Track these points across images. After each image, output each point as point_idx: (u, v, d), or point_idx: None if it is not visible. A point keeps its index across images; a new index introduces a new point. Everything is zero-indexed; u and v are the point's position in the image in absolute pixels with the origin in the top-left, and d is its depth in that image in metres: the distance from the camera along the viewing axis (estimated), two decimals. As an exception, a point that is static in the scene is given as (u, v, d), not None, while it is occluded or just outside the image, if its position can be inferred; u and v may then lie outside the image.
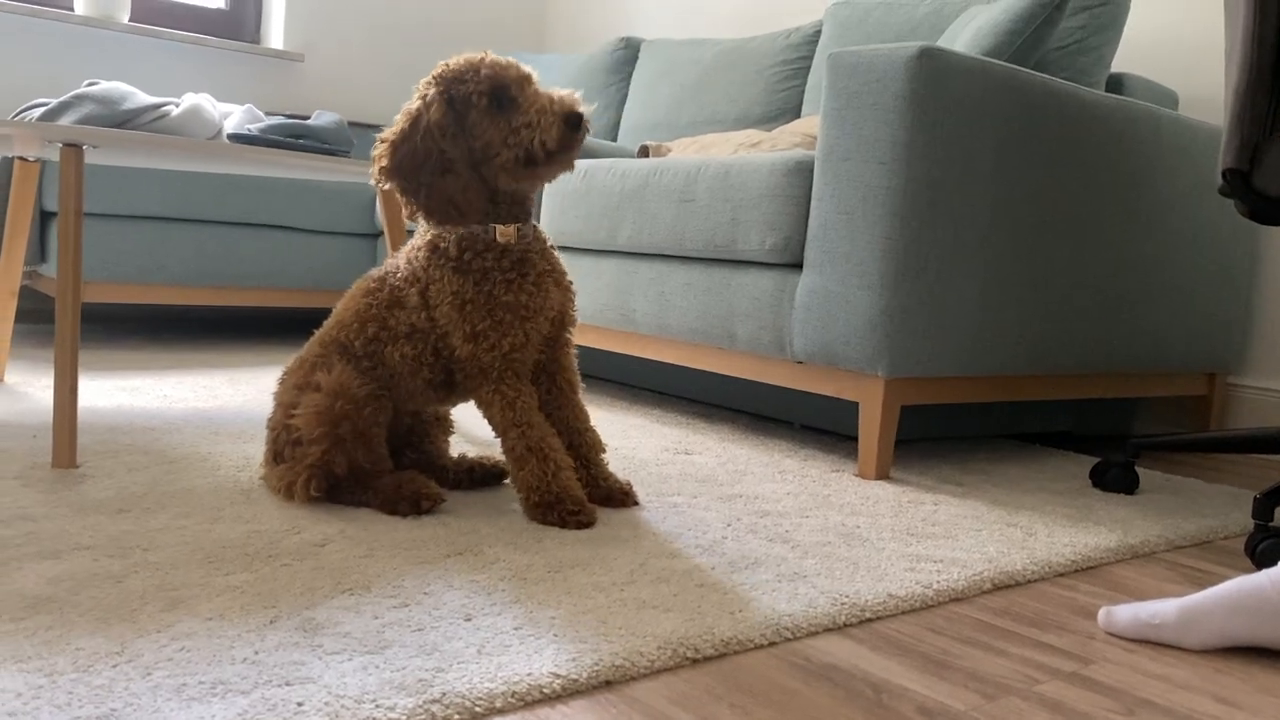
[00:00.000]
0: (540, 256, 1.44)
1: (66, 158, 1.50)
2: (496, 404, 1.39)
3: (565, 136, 1.33)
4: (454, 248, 1.40)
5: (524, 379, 1.42)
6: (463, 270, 1.39)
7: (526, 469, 1.37)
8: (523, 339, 1.39)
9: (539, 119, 1.33)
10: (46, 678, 0.82)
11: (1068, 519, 1.59)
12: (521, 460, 1.38)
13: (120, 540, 1.17)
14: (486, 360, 1.38)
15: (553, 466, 1.37)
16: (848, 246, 1.76)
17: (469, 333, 1.38)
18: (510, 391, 1.39)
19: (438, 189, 1.35)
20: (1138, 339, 2.18)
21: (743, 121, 2.99)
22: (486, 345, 1.38)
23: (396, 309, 1.43)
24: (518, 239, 1.41)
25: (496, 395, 1.39)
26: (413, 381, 1.43)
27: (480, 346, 1.38)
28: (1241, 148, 1.45)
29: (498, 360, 1.39)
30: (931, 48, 1.69)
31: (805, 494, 1.63)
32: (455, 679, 0.87)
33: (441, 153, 1.34)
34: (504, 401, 1.39)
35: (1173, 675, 1.03)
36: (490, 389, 1.40)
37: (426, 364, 1.42)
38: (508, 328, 1.38)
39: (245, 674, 0.85)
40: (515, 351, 1.39)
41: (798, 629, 1.06)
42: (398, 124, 1.37)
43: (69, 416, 1.47)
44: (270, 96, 3.80)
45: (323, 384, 1.38)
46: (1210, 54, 2.55)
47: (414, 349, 1.41)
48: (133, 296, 2.84)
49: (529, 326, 1.40)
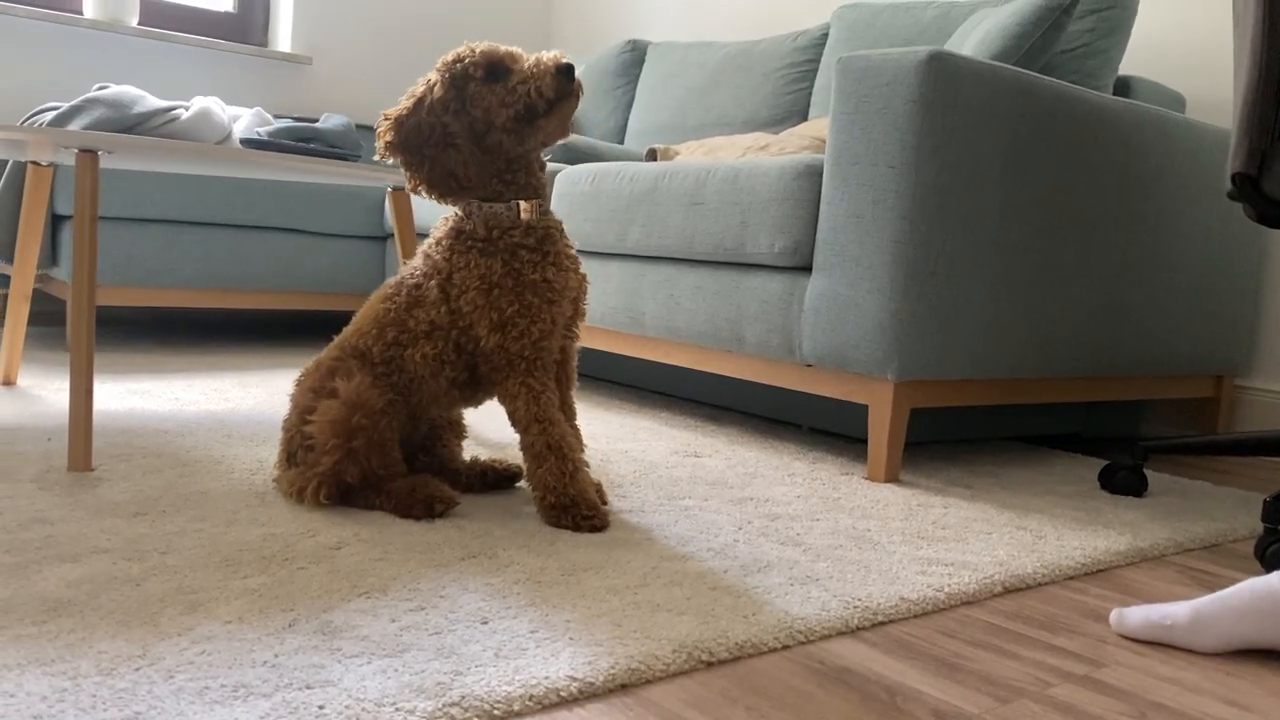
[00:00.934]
0: (560, 235, 1.45)
1: (82, 163, 1.51)
2: (523, 397, 1.39)
3: (561, 85, 1.35)
4: (481, 227, 1.40)
5: (549, 372, 1.42)
6: (490, 251, 1.39)
7: (545, 467, 1.37)
8: (549, 324, 1.39)
9: (532, 73, 1.36)
10: (70, 680, 0.83)
11: (1077, 522, 1.60)
12: (540, 457, 1.38)
13: (138, 543, 1.18)
14: (515, 350, 1.38)
15: (570, 466, 1.37)
16: (857, 250, 1.76)
17: (496, 320, 1.37)
18: (537, 385, 1.39)
19: (439, 162, 1.38)
20: (1145, 341, 2.19)
21: (750, 124, 3.00)
22: (515, 333, 1.37)
23: (415, 309, 1.42)
24: (538, 215, 1.43)
25: (523, 388, 1.39)
26: (435, 383, 1.43)
27: (509, 336, 1.37)
28: (1250, 153, 1.46)
29: (527, 349, 1.38)
30: (941, 52, 1.69)
31: (815, 497, 1.64)
32: (473, 682, 0.87)
33: (444, 127, 1.37)
34: (530, 395, 1.39)
35: (1184, 678, 1.03)
36: (518, 381, 1.39)
37: (449, 362, 1.42)
38: (537, 313, 1.38)
39: (266, 677, 0.86)
40: (544, 339, 1.39)
41: (811, 632, 1.06)
42: (402, 103, 1.40)
43: (85, 420, 1.48)
44: (278, 99, 3.81)
45: (341, 392, 1.38)
46: (1217, 56, 2.55)
47: (434, 347, 1.41)
48: (143, 299, 2.85)
49: (555, 310, 1.40)
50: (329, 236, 3.14)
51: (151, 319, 3.61)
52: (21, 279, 2.08)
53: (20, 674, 0.83)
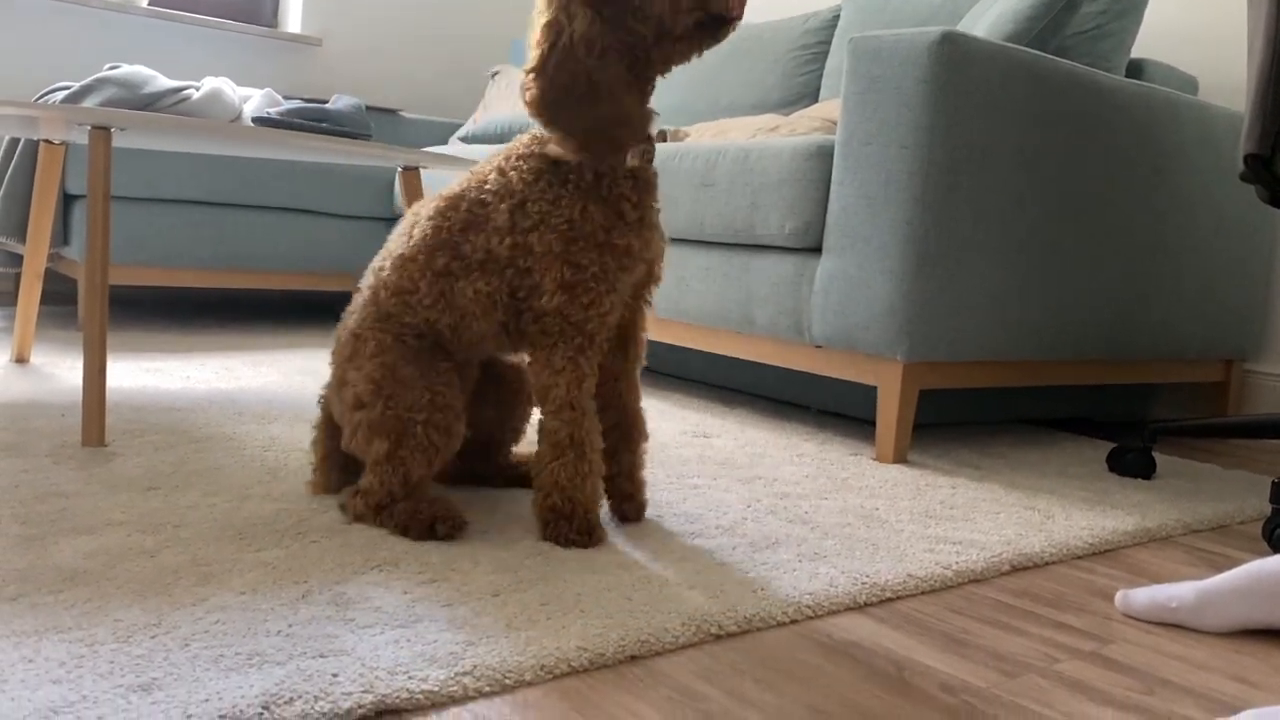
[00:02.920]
0: (656, 188, 1.26)
1: (95, 140, 1.52)
2: (567, 373, 1.20)
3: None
4: (589, 169, 1.21)
5: (601, 353, 1.24)
6: (588, 193, 1.20)
7: (560, 461, 1.21)
8: (620, 297, 1.23)
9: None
10: (87, 647, 0.84)
11: (1085, 502, 1.60)
12: (559, 448, 1.21)
13: (151, 517, 1.19)
14: (576, 319, 1.20)
15: (586, 469, 1.21)
16: (868, 231, 1.76)
17: (568, 279, 1.19)
18: (586, 366, 1.21)
19: (592, 120, 1.16)
20: (1156, 325, 2.19)
21: (760, 107, 2.99)
22: (584, 301, 1.19)
23: (471, 232, 1.23)
24: (643, 161, 1.24)
25: (570, 364, 1.21)
26: (486, 322, 1.24)
27: (576, 301, 1.19)
28: (1264, 134, 1.45)
29: (590, 322, 1.20)
30: (953, 33, 1.69)
31: (824, 477, 1.65)
32: (485, 652, 0.88)
33: (588, 75, 1.15)
34: (575, 375, 1.21)
35: (1191, 655, 1.04)
36: (566, 355, 1.21)
37: (500, 303, 1.23)
38: (613, 281, 1.20)
39: (280, 646, 0.87)
40: (610, 314, 1.22)
41: (819, 607, 1.07)
42: (536, 44, 1.16)
43: (98, 396, 1.49)
44: (288, 80, 3.81)
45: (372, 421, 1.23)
46: (1230, 39, 2.54)
47: (488, 284, 1.22)
48: (155, 279, 2.86)
49: (627, 278, 1.23)
50: (339, 217, 3.15)
51: (161, 298, 3.62)
52: (34, 258, 2.09)
53: (39, 640, 0.84)
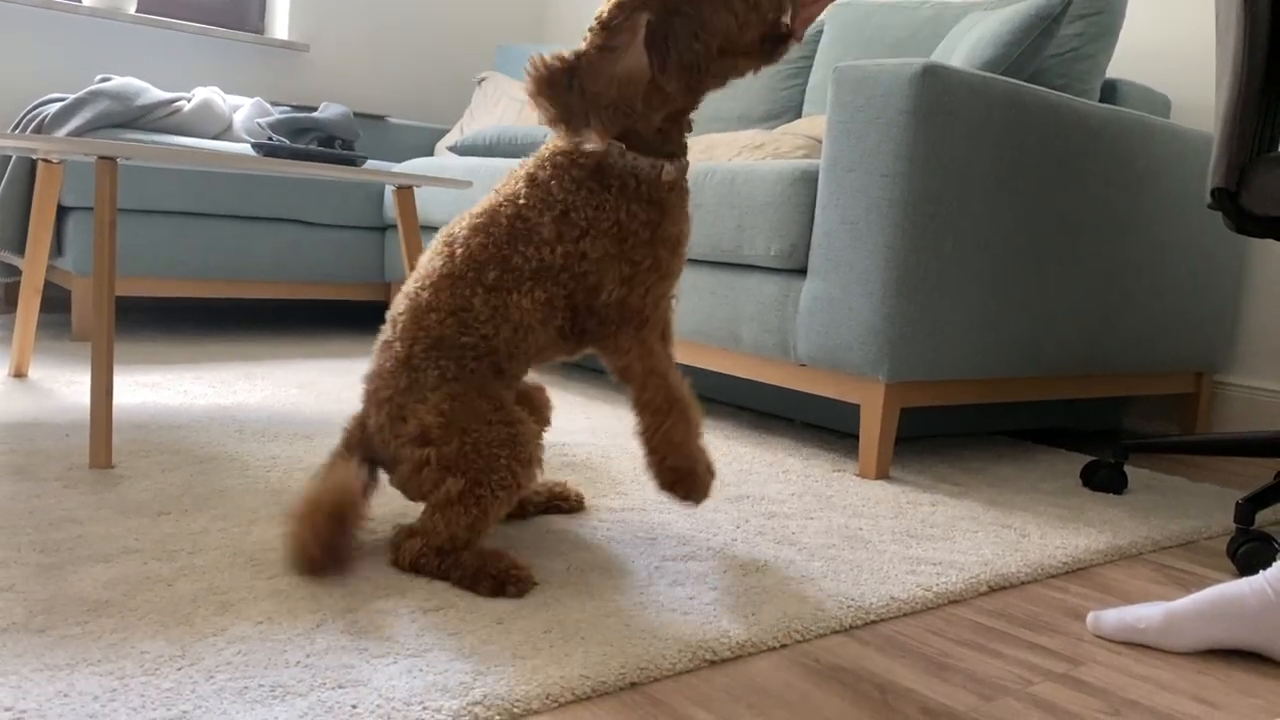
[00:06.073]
0: (687, 186, 1.31)
1: (101, 169, 1.55)
2: (636, 351, 1.25)
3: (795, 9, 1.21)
4: (634, 179, 1.23)
5: (658, 329, 1.29)
6: (631, 195, 1.23)
7: (670, 422, 1.25)
8: (674, 283, 1.29)
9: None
10: (119, 680, 0.88)
11: (1059, 520, 1.66)
12: (661, 413, 1.25)
13: (165, 543, 1.23)
14: (636, 305, 1.24)
15: (693, 426, 1.27)
16: (851, 255, 1.82)
17: (627, 273, 1.23)
18: (650, 340, 1.26)
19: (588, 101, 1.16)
20: (1129, 340, 2.26)
21: (745, 120, 3.05)
22: (642, 289, 1.24)
23: (520, 244, 1.23)
24: (679, 175, 1.28)
25: (637, 343, 1.25)
26: (545, 332, 1.26)
27: (635, 290, 1.24)
28: (1229, 169, 1.52)
29: (648, 306, 1.25)
30: (935, 65, 1.75)
31: (810, 494, 1.70)
32: (494, 681, 0.94)
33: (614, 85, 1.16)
34: (643, 349, 1.26)
35: (1157, 676, 1.10)
36: (630, 337, 1.25)
37: (559, 309, 1.25)
38: (667, 267, 1.25)
39: (300, 677, 0.92)
40: (666, 296, 1.28)
41: (807, 631, 1.13)
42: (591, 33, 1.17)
43: (105, 419, 1.53)
44: (276, 87, 3.84)
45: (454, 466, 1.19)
46: (1202, 59, 2.61)
47: (545, 292, 1.24)
48: (146, 289, 2.89)
49: (678, 263, 1.28)
50: (330, 227, 3.18)
51: (154, 307, 3.65)
52: (33, 274, 2.12)
53: (71, 674, 0.89)
